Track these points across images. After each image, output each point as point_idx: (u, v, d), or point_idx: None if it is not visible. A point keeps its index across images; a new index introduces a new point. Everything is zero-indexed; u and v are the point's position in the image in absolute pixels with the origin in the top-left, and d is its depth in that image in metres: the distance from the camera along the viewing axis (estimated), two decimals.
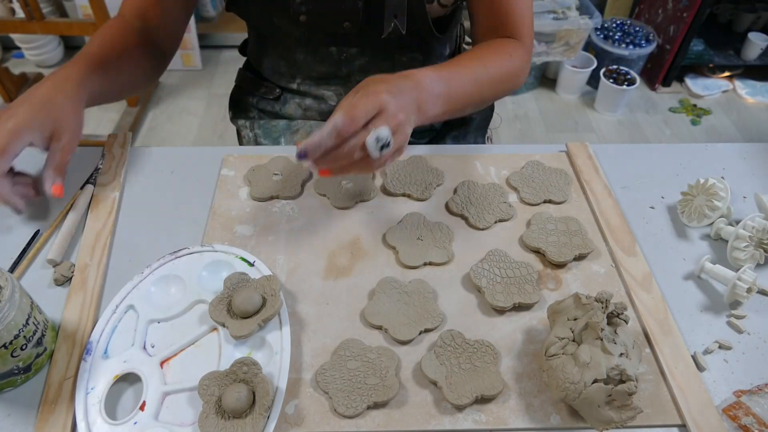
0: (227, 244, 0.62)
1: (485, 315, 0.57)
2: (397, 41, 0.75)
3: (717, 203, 0.65)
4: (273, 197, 0.68)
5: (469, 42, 0.82)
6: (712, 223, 0.66)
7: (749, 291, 0.57)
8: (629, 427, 0.48)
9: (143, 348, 0.53)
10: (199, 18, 2.38)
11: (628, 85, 2.09)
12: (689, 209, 0.67)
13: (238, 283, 0.55)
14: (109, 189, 0.68)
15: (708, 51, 2.32)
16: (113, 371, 0.51)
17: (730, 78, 2.38)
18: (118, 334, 0.54)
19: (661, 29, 2.24)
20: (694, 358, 0.54)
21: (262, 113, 0.90)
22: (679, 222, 0.68)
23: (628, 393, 0.45)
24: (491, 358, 0.52)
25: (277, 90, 0.86)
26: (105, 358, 0.52)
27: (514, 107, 2.24)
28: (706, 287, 0.61)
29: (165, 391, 0.50)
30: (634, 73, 2.13)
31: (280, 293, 0.54)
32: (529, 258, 0.63)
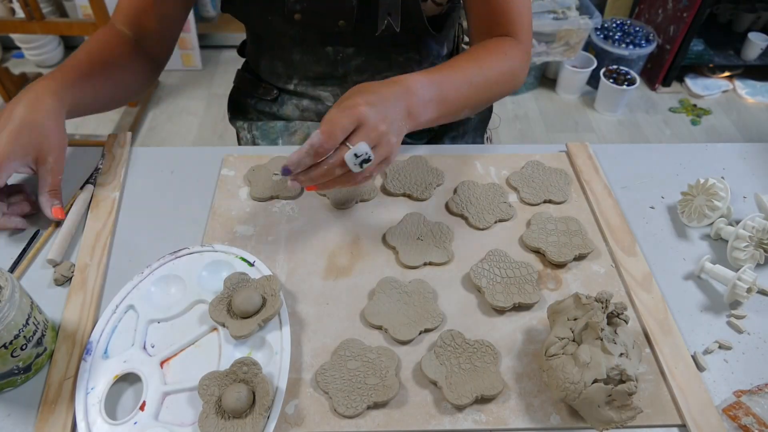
0: (227, 244, 0.62)
1: (485, 315, 0.57)
2: (392, 40, 0.75)
3: (717, 203, 0.65)
4: (273, 197, 0.68)
5: (468, 42, 0.82)
6: (712, 223, 0.66)
7: (749, 291, 0.57)
8: (629, 427, 0.48)
9: (143, 348, 0.53)
10: (199, 18, 2.38)
11: (628, 85, 2.09)
12: (689, 209, 0.67)
13: (238, 283, 0.55)
14: (109, 189, 0.68)
15: (708, 51, 2.32)
16: (113, 371, 0.51)
17: (730, 78, 2.38)
18: (118, 334, 0.54)
19: (661, 29, 2.24)
20: (694, 358, 0.54)
21: (260, 114, 0.90)
22: (679, 222, 0.68)
23: (628, 393, 0.45)
24: (491, 358, 0.52)
25: (274, 91, 0.86)
26: (105, 358, 0.52)
27: (514, 107, 2.25)
28: (706, 287, 0.61)
29: (165, 391, 0.50)
30: (634, 73, 2.13)
31: (280, 293, 0.54)
32: (529, 258, 0.63)
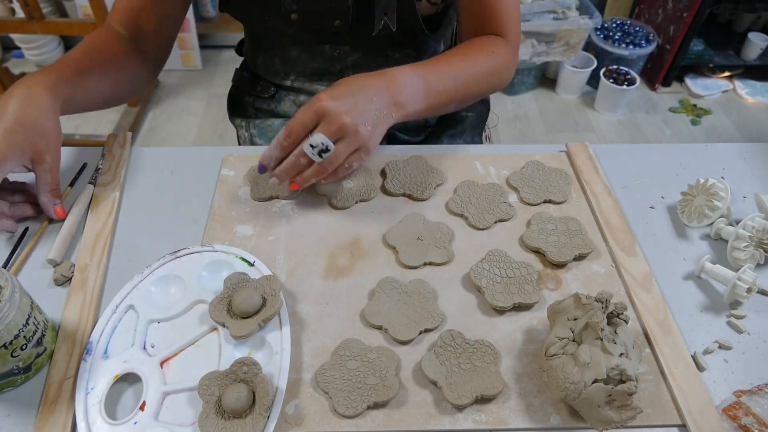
0: (227, 244, 0.62)
1: (485, 315, 0.57)
2: (389, 39, 0.75)
3: (717, 203, 0.65)
4: (273, 197, 0.68)
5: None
6: (712, 223, 0.66)
7: (749, 291, 0.57)
8: (629, 427, 0.48)
9: (143, 348, 0.53)
10: (199, 18, 2.38)
11: (628, 85, 2.09)
12: (689, 209, 0.67)
13: (238, 283, 0.55)
14: (109, 189, 0.68)
15: (708, 51, 2.32)
16: (113, 371, 0.51)
17: (730, 78, 2.38)
18: (118, 334, 0.54)
19: (661, 29, 2.25)
20: (694, 358, 0.54)
21: (258, 112, 0.90)
22: (679, 222, 0.68)
23: (628, 393, 0.45)
24: (491, 358, 0.52)
25: (272, 88, 0.87)
26: (105, 358, 0.52)
27: (514, 107, 2.24)
28: (706, 287, 0.61)
29: (165, 391, 0.50)
30: (634, 73, 2.13)
31: (280, 293, 0.54)
32: (529, 258, 0.63)
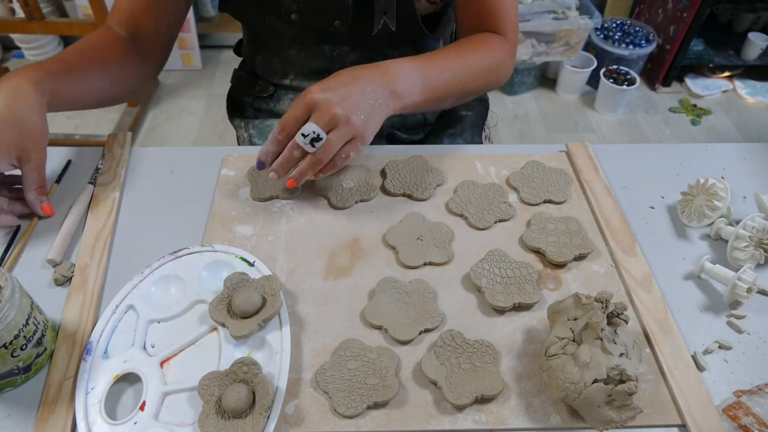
0: (227, 244, 0.62)
1: (485, 315, 0.57)
2: (388, 39, 0.75)
3: (717, 203, 0.65)
4: (273, 197, 0.68)
5: None
6: (712, 223, 0.66)
7: (749, 291, 0.57)
8: (629, 427, 0.48)
9: (143, 348, 0.53)
10: (199, 18, 2.38)
11: (628, 85, 2.09)
12: (689, 209, 0.67)
13: (238, 283, 0.55)
14: (109, 189, 0.68)
15: (708, 51, 2.32)
16: (113, 371, 0.51)
17: (730, 78, 2.38)
18: (118, 334, 0.54)
19: (661, 29, 2.24)
20: (694, 358, 0.54)
21: (257, 112, 0.90)
22: (679, 222, 0.68)
23: (628, 393, 0.45)
24: (491, 358, 0.52)
25: (270, 87, 0.86)
26: (105, 358, 0.52)
27: (514, 107, 2.24)
28: (706, 287, 0.61)
29: (165, 391, 0.50)
30: (634, 73, 2.13)
31: (280, 293, 0.54)
32: (529, 258, 0.63)
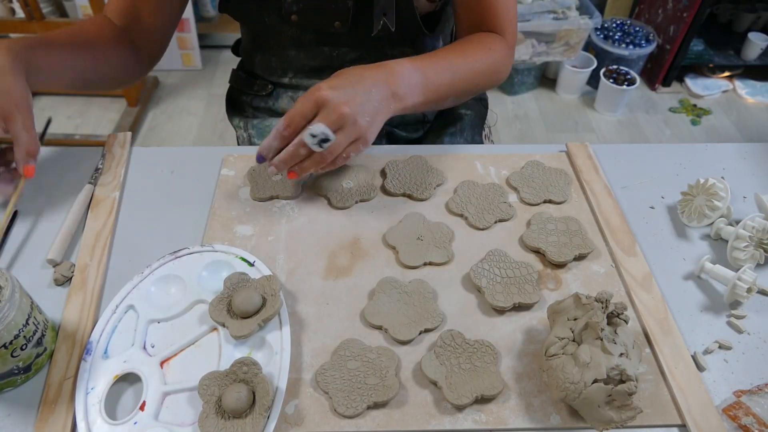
0: (227, 244, 0.62)
1: (485, 315, 0.57)
2: (388, 39, 0.76)
3: (717, 203, 0.65)
4: (273, 197, 0.68)
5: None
6: (712, 223, 0.66)
7: (749, 291, 0.57)
8: (629, 427, 0.48)
9: (143, 348, 0.53)
10: (199, 18, 2.38)
11: (628, 85, 2.09)
12: (689, 209, 0.67)
13: (238, 283, 0.55)
14: (109, 189, 0.68)
15: (708, 51, 2.32)
16: (113, 371, 0.51)
17: (730, 78, 2.38)
18: (118, 334, 0.54)
19: (661, 29, 2.24)
20: (694, 358, 0.54)
21: (256, 111, 0.90)
22: (679, 222, 0.68)
23: (628, 393, 0.45)
24: (491, 358, 0.52)
25: (269, 86, 0.86)
26: (105, 358, 0.52)
27: (514, 107, 2.24)
28: (706, 287, 0.61)
29: (165, 391, 0.50)
30: (634, 73, 2.13)
31: (280, 293, 0.54)
32: (529, 258, 0.63)
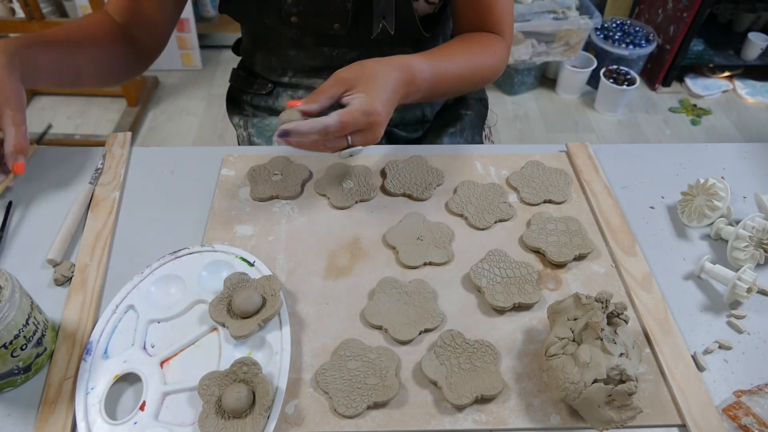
0: (227, 244, 0.62)
1: (485, 315, 0.57)
2: (388, 41, 0.76)
3: (717, 203, 0.65)
4: (273, 197, 0.68)
5: None
6: (712, 223, 0.66)
7: (749, 291, 0.57)
8: (629, 427, 0.48)
9: (143, 348, 0.53)
10: (199, 18, 2.38)
11: (628, 85, 2.09)
12: (689, 209, 0.67)
13: (238, 283, 0.55)
14: (109, 189, 0.68)
15: (708, 51, 2.32)
16: (113, 371, 0.51)
17: (730, 78, 2.38)
18: (118, 334, 0.54)
19: (661, 29, 2.24)
20: (694, 358, 0.54)
21: (256, 109, 0.90)
22: (679, 222, 0.68)
23: (628, 393, 0.45)
24: (491, 358, 0.52)
25: (269, 85, 0.87)
26: (105, 358, 0.52)
27: (514, 107, 2.24)
28: (706, 287, 0.61)
29: (165, 391, 0.50)
30: (634, 73, 2.13)
31: (280, 293, 0.54)
32: (529, 258, 0.63)
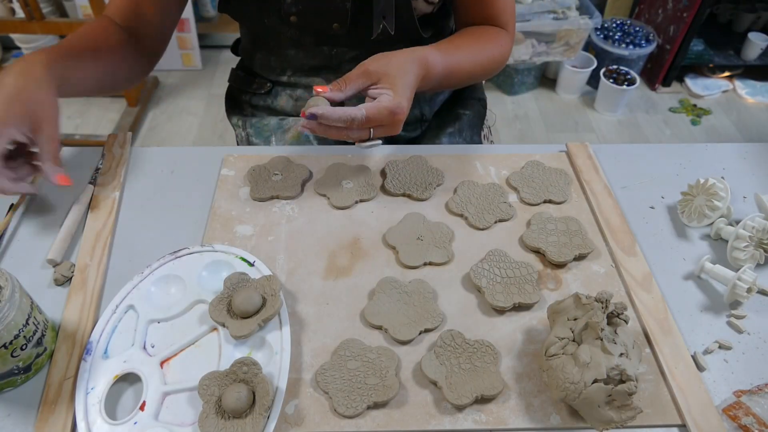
0: (227, 244, 0.62)
1: (485, 315, 0.57)
2: (386, 40, 0.76)
3: (717, 203, 0.65)
4: (273, 197, 0.68)
5: None
6: (712, 223, 0.66)
7: (749, 291, 0.57)
8: (629, 427, 0.48)
9: (143, 348, 0.53)
10: (199, 18, 2.38)
11: (628, 85, 2.09)
12: (689, 209, 0.67)
13: (238, 283, 0.55)
14: (109, 189, 0.68)
15: (708, 51, 2.32)
16: (113, 371, 0.51)
17: (730, 78, 2.38)
18: (118, 334, 0.54)
19: (661, 29, 2.24)
20: (694, 358, 0.54)
21: (255, 109, 0.90)
22: (679, 222, 0.68)
23: (628, 393, 0.45)
24: (491, 358, 0.52)
25: (268, 84, 0.87)
26: (105, 358, 0.52)
27: (514, 107, 2.24)
28: (706, 287, 0.61)
29: (165, 391, 0.50)
30: (634, 73, 2.13)
31: (280, 293, 0.54)
32: (529, 258, 0.63)
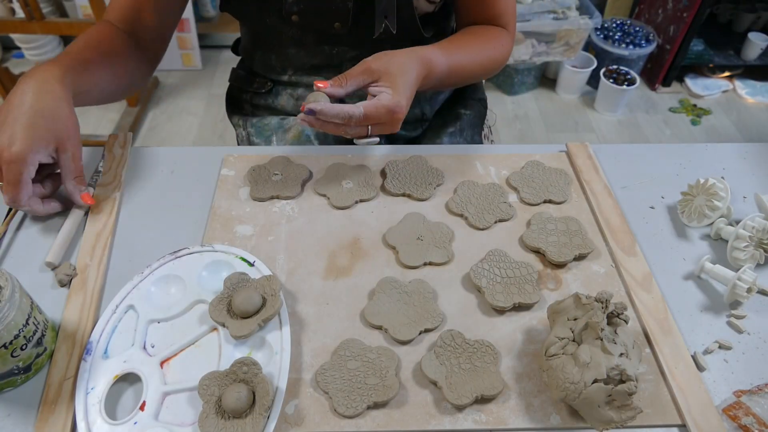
0: (227, 244, 0.62)
1: (485, 315, 0.57)
2: (388, 39, 0.76)
3: (717, 203, 0.65)
4: (273, 197, 0.68)
5: None
6: (712, 223, 0.66)
7: (749, 291, 0.57)
8: (629, 427, 0.48)
9: (143, 348, 0.53)
10: (199, 18, 2.38)
11: (628, 85, 2.09)
12: (689, 209, 0.67)
13: (238, 283, 0.55)
14: (110, 189, 0.68)
15: (708, 51, 2.32)
16: (113, 371, 0.51)
17: (730, 78, 2.38)
18: (118, 334, 0.54)
19: (661, 29, 2.24)
20: (694, 358, 0.54)
21: (256, 108, 0.90)
22: (679, 222, 0.68)
23: (628, 393, 0.45)
24: (491, 358, 0.52)
25: (268, 83, 0.87)
26: (105, 358, 0.52)
27: (514, 107, 2.24)
28: (706, 287, 0.61)
29: (165, 391, 0.50)
30: (634, 73, 2.13)
31: (280, 293, 0.54)
32: (529, 258, 0.63)
